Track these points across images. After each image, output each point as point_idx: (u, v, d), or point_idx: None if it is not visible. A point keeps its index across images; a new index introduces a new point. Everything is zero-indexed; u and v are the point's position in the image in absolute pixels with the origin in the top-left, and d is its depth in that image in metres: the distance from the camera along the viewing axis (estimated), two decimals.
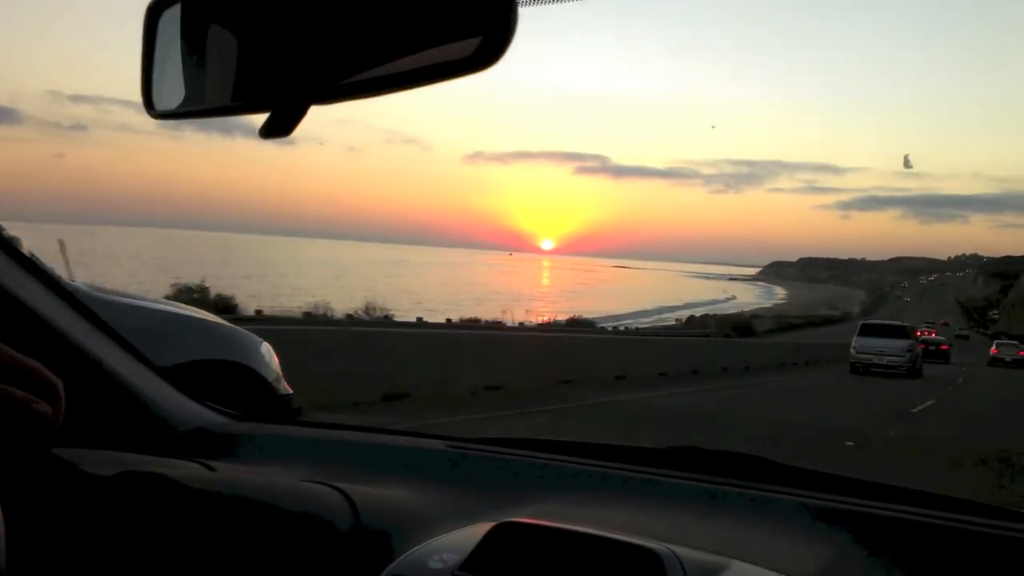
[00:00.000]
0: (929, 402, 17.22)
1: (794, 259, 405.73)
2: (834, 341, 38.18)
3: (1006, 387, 25.62)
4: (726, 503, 1.22)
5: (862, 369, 25.13)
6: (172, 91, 0.80)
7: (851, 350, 26.22)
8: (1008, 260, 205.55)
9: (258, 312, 22.78)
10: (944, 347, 41.55)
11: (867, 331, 26.87)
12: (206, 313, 4.91)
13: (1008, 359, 43.35)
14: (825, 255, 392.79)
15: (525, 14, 0.61)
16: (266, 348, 4.46)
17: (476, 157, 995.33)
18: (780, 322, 70.01)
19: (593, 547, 0.96)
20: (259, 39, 0.72)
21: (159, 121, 0.80)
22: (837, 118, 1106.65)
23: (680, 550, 0.95)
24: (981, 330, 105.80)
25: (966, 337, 78.48)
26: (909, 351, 25.90)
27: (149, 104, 0.81)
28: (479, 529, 1.02)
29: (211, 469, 1.20)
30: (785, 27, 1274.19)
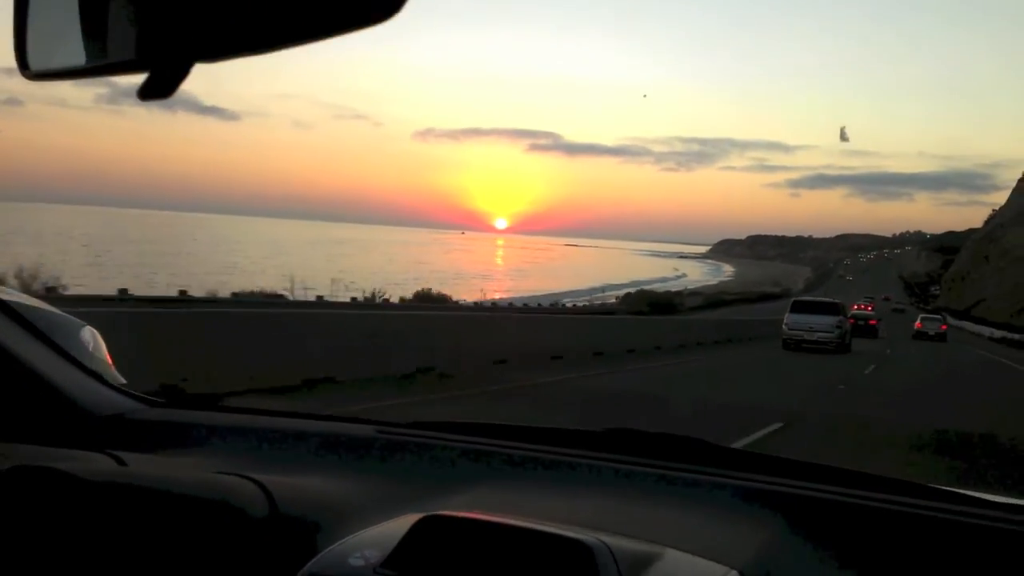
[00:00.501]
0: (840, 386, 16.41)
1: (743, 237, 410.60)
2: (765, 317, 37.68)
3: (925, 366, 25.19)
4: (664, 487, 1.21)
5: (793, 345, 25.48)
6: (47, 50, 0.74)
7: (783, 327, 26.65)
8: (950, 235, 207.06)
9: (182, 293, 22.17)
10: (873, 322, 42.30)
11: (798, 308, 27.17)
12: (23, 296, 4.43)
13: (931, 332, 45.46)
14: (775, 233, 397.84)
15: None
16: (89, 333, 3.89)
17: (427, 134, 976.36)
18: (710, 299, 67.90)
19: (522, 540, 0.94)
20: None
21: (41, 82, 0.75)
22: (787, 96, 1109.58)
23: (613, 540, 0.94)
24: (921, 305, 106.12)
25: (902, 311, 79.34)
26: (838, 327, 26.29)
27: (23, 64, 0.75)
28: (404, 522, 0.99)
29: (119, 460, 1.17)
30: (736, 6, 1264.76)
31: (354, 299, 27.92)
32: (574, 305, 44.60)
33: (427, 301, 30.42)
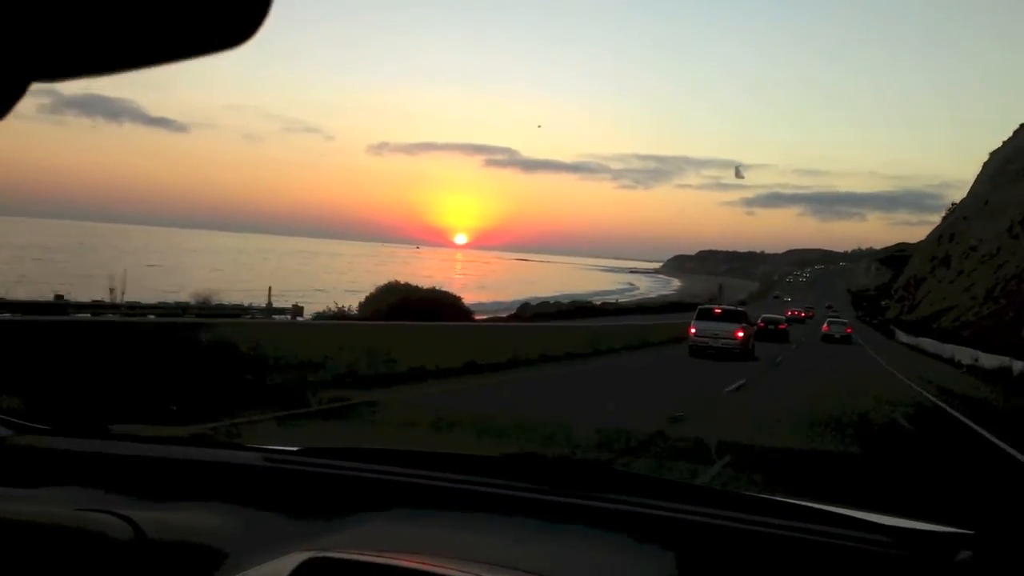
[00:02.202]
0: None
1: (695, 252, 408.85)
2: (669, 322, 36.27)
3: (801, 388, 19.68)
4: (558, 515, 1.19)
5: (699, 351, 25.56)
6: None
7: (689, 333, 27.03)
8: (901, 247, 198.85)
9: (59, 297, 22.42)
10: (783, 326, 42.23)
11: (704, 315, 27.66)
12: None
13: (837, 336, 47.36)
14: (727, 249, 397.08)
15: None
16: None
17: (381, 147, 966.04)
18: (622, 307, 61.09)
19: None
20: None
21: None
22: (742, 115, 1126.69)
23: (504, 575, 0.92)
24: (867, 318, 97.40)
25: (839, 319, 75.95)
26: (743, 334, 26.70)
27: None
28: (288, 563, 0.94)
29: None
30: (694, 24, 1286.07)
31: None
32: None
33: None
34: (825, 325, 51.13)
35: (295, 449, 1.44)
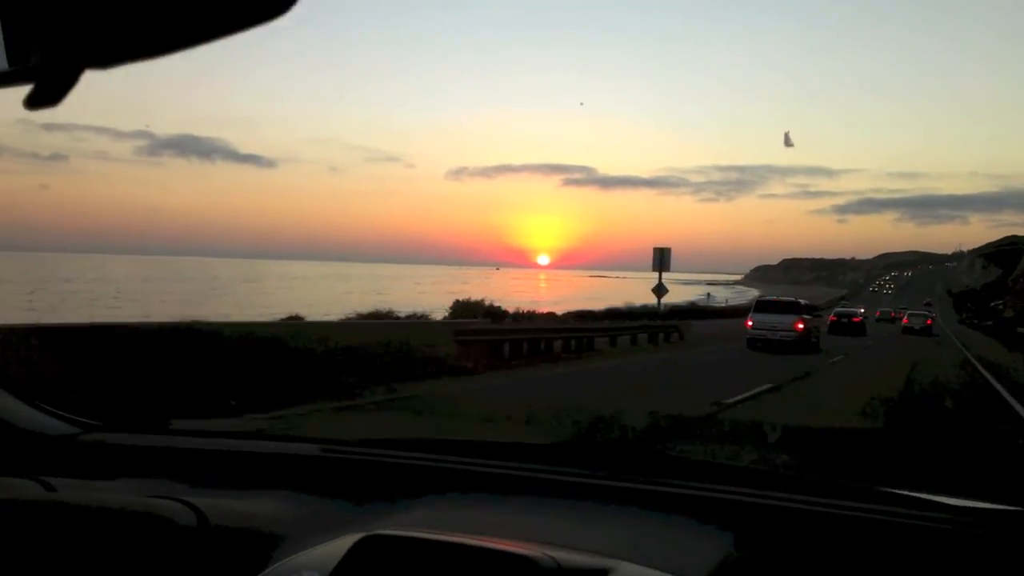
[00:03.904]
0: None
1: (776, 262, 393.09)
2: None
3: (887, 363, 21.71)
4: (612, 499, 1.19)
5: (760, 344, 25.01)
6: None
7: (747, 326, 26.60)
8: (1011, 239, 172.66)
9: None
10: (857, 319, 40.26)
11: (761, 307, 26.89)
12: None
13: (917, 327, 46.71)
14: (813, 256, 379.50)
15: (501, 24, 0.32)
16: None
17: (460, 172, 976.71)
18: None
19: (466, 557, 0.92)
20: None
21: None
22: (829, 119, 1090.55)
23: (561, 555, 0.92)
24: (974, 320, 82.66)
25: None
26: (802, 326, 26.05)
27: None
28: (345, 543, 0.97)
29: (47, 486, 1.15)
30: (767, 26, 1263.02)
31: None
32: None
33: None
34: (905, 318, 52.17)
35: (352, 441, 1.46)
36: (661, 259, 29.11)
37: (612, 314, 37.76)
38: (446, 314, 26.66)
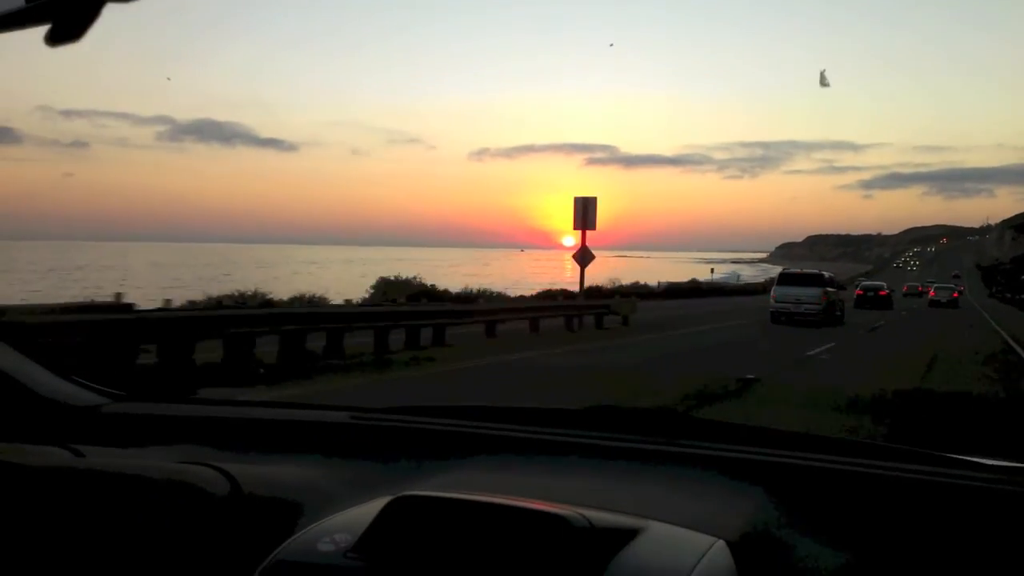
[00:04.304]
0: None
1: (802, 239, 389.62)
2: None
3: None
4: (644, 462, 1.21)
5: (784, 318, 24.84)
6: None
7: (770, 299, 26.38)
8: None
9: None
10: (883, 292, 41.48)
11: (785, 280, 26.59)
12: None
13: (944, 300, 49.15)
14: (838, 232, 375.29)
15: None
16: None
17: (482, 154, 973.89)
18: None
19: (497, 516, 0.92)
20: None
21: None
22: (853, 92, 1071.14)
23: (592, 514, 0.92)
24: (1007, 295, 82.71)
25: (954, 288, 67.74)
26: (826, 299, 25.62)
27: None
28: (376, 505, 0.98)
29: (76, 453, 1.17)
30: (794, 1, 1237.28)
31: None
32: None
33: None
34: (932, 291, 54.02)
35: (380, 408, 1.48)
36: (584, 213, 21.93)
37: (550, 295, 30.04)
38: (365, 296, 23.04)
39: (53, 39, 0.60)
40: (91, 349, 8.96)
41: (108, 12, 0.60)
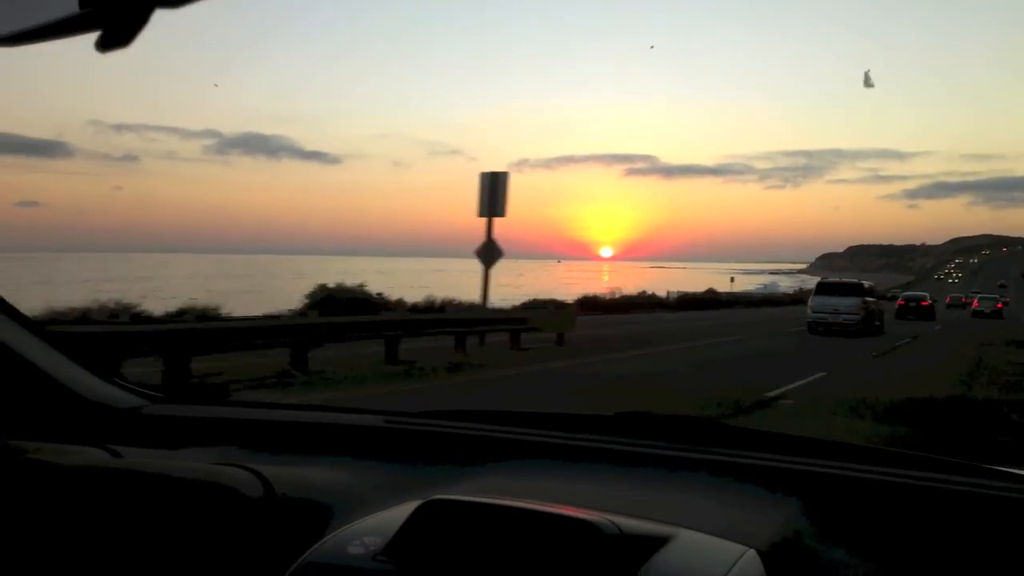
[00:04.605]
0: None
1: (843, 249, 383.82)
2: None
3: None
4: (675, 469, 1.20)
5: (822, 329, 24.44)
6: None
7: (808, 310, 25.95)
8: None
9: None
10: (925, 303, 40.71)
11: (823, 290, 26.20)
12: None
13: (988, 311, 48.46)
14: (880, 243, 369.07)
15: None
16: None
17: (522, 164, 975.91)
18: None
19: (526, 522, 0.92)
20: None
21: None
22: (899, 100, 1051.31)
23: (622, 520, 0.91)
24: None
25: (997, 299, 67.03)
26: (864, 309, 25.15)
27: None
28: (406, 508, 0.98)
29: (114, 453, 1.19)
30: (836, 8, 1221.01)
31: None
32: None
33: None
34: (975, 301, 53.10)
35: (413, 412, 1.49)
36: (492, 193, 16.59)
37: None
38: (301, 305, 19.57)
39: (104, 45, 0.60)
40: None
41: (156, 24, 0.60)
